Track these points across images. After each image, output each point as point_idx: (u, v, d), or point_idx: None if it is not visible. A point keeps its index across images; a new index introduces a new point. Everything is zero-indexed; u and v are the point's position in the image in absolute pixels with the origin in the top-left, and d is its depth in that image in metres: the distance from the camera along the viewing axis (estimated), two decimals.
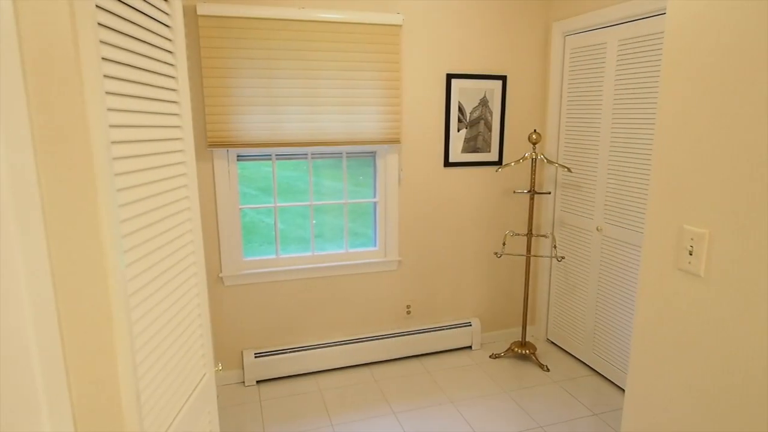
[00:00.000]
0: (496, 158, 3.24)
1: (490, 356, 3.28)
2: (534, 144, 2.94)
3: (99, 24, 0.87)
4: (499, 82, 3.14)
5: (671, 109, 1.33)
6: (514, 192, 3.27)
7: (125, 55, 0.98)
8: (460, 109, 3.10)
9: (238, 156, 2.80)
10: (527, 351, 3.20)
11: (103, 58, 0.89)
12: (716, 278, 1.24)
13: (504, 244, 3.30)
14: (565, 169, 3.05)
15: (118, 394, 0.88)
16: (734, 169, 1.17)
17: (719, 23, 1.19)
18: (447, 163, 3.15)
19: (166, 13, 1.21)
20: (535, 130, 2.97)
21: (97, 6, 0.87)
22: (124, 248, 0.94)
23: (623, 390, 2.87)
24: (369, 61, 2.82)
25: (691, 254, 1.30)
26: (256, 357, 2.93)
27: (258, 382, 2.98)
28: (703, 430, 1.31)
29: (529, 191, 3.07)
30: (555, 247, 3.29)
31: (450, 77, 3.04)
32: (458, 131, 3.13)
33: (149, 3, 1.10)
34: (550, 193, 3.23)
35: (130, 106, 1.00)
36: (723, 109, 1.19)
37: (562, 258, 3.25)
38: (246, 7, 2.56)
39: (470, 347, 3.39)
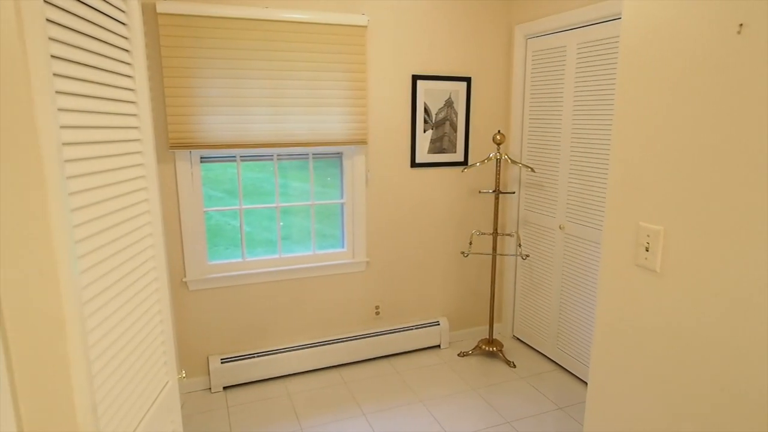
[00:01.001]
0: (461, 159, 3.28)
1: (458, 354, 3.32)
2: (498, 144, 2.99)
3: (48, 20, 0.84)
4: (464, 84, 3.18)
5: (627, 110, 1.38)
6: (480, 192, 3.32)
7: (77, 54, 0.94)
8: (426, 110, 3.13)
9: (201, 157, 2.74)
10: (494, 348, 3.25)
11: (52, 56, 0.85)
12: (671, 273, 1.29)
13: (470, 243, 3.34)
14: (529, 169, 3.11)
15: (73, 407, 0.84)
16: (687, 168, 1.22)
17: (671, 28, 1.24)
18: (414, 164, 3.16)
19: (122, 11, 1.17)
20: (499, 131, 3.02)
21: (45, 1, 0.83)
22: (78, 254, 0.90)
23: (587, 383, 2.95)
24: (335, 62, 2.81)
25: (647, 250, 1.34)
26: (222, 363, 2.87)
27: (225, 388, 2.92)
28: (662, 419, 1.36)
29: (494, 191, 3.11)
30: (520, 245, 3.35)
31: (415, 78, 3.06)
32: (424, 132, 3.15)
33: None
34: (514, 192, 3.29)
35: (83, 107, 0.96)
36: (675, 111, 1.24)
37: (527, 256, 3.32)
38: (208, 6, 2.51)
39: (439, 346, 3.42)
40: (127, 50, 1.19)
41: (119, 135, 1.11)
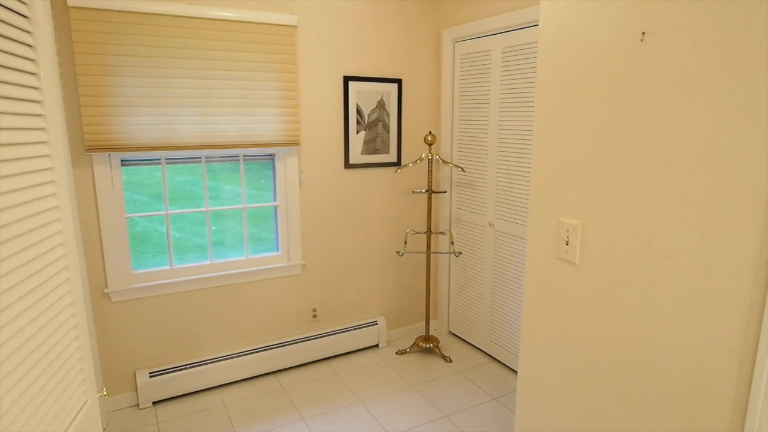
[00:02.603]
0: (394, 159, 3.31)
1: (396, 353, 3.35)
2: (430, 145, 3.05)
3: None
4: (395, 85, 3.22)
5: (546, 113, 1.45)
6: (413, 192, 3.37)
7: None
8: (359, 111, 3.13)
9: (122, 160, 2.59)
10: (431, 344, 3.31)
11: None
12: (589, 265, 1.37)
13: (405, 242, 3.39)
14: (459, 169, 3.20)
15: None
16: (599, 166, 1.31)
17: (582, 35, 1.31)
18: (347, 165, 3.16)
19: (23, 2, 1.08)
20: (430, 132, 3.09)
21: None
22: None
23: None
24: (265, 62, 2.75)
25: (567, 244, 1.42)
26: (151, 376, 2.72)
27: (155, 403, 2.77)
28: (586, 400, 1.44)
29: (427, 191, 3.18)
30: (453, 243, 3.44)
31: (347, 79, 3.06)
32: (357, 133, 3.15)
33: None
34: (446, 192, 3.37)
35: None
36: (588, 114, 1.32)
37: (460, 253, 3.41)
38: (125, 1, 2.37)
39: (377, 346, 3.43)
40: (29, 45, 1.10)
41: (21, 137, 1.03)
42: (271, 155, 2.99)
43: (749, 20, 0.97)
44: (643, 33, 1.17)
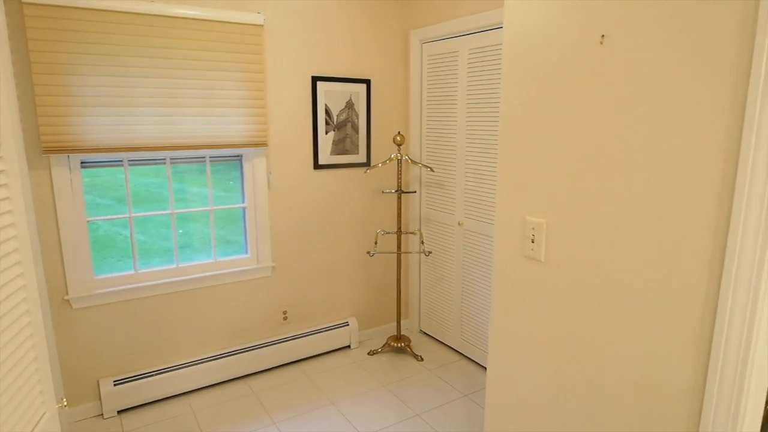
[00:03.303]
0: (364, 160, 3.31)
1: (368, 353, 3.35)
2: (399, 145, 3.06)
3: None
4: (364, 86, 3.22)
5: (511, 114, 1.48)
6: (383, 192, 3.37)
7: None
8: (327, 112, 3.12)
9: (82, 162, 2.50)
10: (402, 344, 3.33)
11: None
12: (553, 262, 1.40)
13: (376, 243, 3.39)
14: (428, 169, 3.23)
15: None
16: (563, 166, 1.34)
17: (545, 38, 1.34)
18: (317, 166, 3.14)
19: None
20: (399, 132, 3.10)
21: None
22: None
23: None
24: (231, 61, 2.71)
25: (533, 242, 1.45)
26: (115, 384, 2.64)
27: (119, 412, 2.69)
28: (553, 397, 1.47)
29: (396, 191, 3.19)
30: (423, 242, 3.46)
31: (315, 79, 3.04)
32: (326, 134, 3.14)
33: None
34: (415, 192, 3.39)
35: None
36: (551, 115, 1.35)
37: (430, 252, 3.44)
38: None
39: (349, 346, 3.43)
40: None
41: None
42: (238, 156, 2.94)
43: (701, 24, 1.01)
44: (603, 36, 1.20)
